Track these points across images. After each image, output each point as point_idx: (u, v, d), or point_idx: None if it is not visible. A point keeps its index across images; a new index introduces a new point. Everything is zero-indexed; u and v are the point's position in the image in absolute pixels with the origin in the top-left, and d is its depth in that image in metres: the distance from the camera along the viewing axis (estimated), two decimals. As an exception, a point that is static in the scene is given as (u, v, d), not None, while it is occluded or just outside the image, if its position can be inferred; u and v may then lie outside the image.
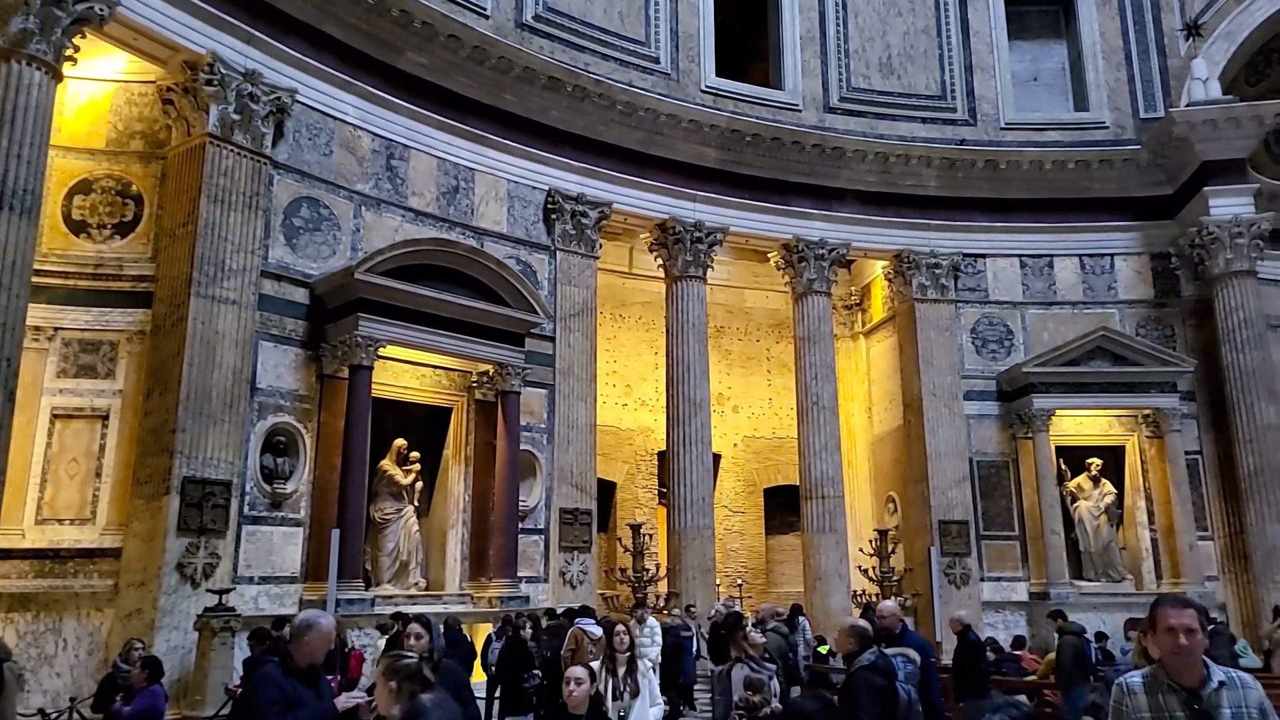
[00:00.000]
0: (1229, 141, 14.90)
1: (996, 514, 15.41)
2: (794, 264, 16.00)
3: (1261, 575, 13.71)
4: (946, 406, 15.67)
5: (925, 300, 16.14)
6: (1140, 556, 15.24)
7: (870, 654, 4.18)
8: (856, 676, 4.07)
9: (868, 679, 4.04)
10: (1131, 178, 16.24)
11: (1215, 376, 15.03)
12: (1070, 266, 16.42)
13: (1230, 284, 14.68)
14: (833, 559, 14.65)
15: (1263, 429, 13.96)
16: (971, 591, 14.94)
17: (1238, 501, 14.39)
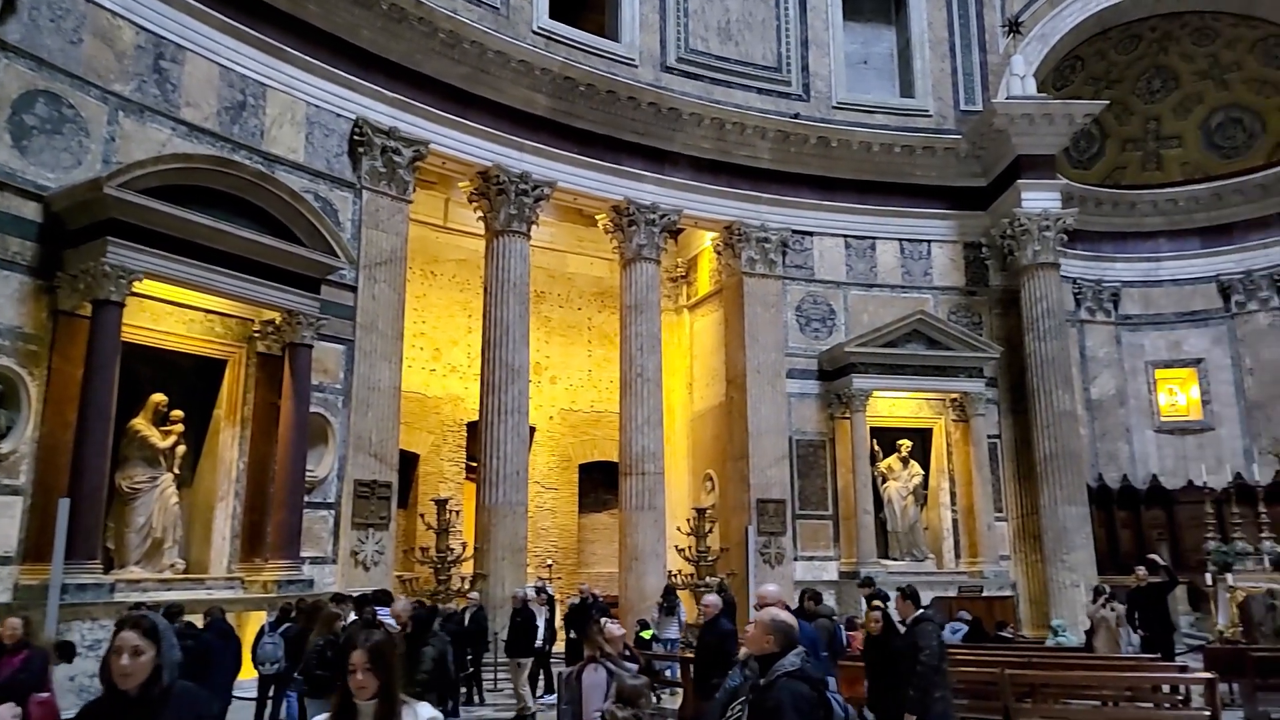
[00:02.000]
0: (1042, 137, 15.44)
1: (812, 493, 15.31)
2: (623, 227, 15.14)
3: (1051, 555, 14.32)
4: (770, 384, 15.38)
5: (754, 275, 15.77)
6: (942, 536, 15.63)
7: (796, 657, 3.28)
8: (779, 689, 3.16)
9: (794, 692, 3.15)
10: (951, 167, 16.58)
11: (1017, 364, 15.60)
12: (891, 250, 16.58)
13: (1036, 275, 15.23)
14: (651, 538, 13.98)
15: (1059, 415, 14.57)
16: (785, 571, 14.74)
17: (1033, 484, 14.99)
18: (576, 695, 4.54)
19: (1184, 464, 17.40)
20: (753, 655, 3.39)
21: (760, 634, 3.35)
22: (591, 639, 4.72)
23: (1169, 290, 18.26)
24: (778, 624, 3.35)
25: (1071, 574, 14.09)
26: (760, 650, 3.34)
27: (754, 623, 3.45)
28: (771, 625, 3.34)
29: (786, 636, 3.32)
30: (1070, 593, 14.03)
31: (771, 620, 3.37)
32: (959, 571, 15.08)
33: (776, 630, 3.33)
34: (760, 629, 3.36)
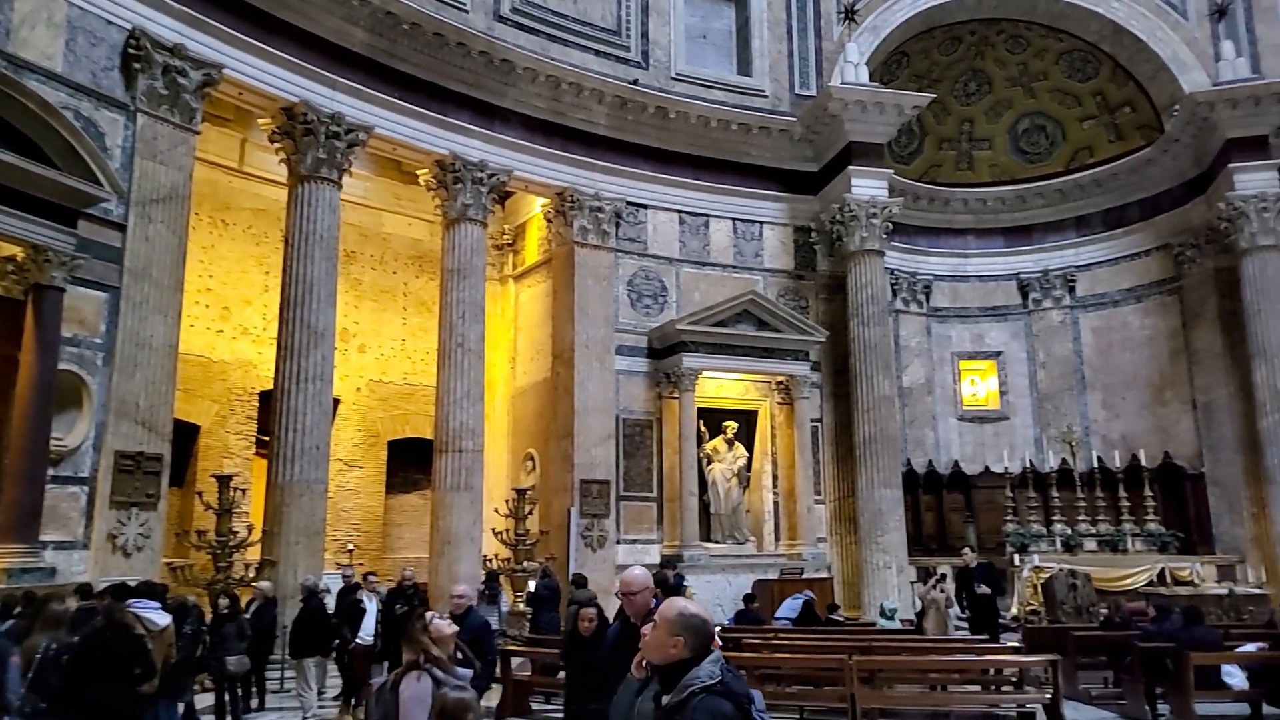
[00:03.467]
0: (873, 126, 15.60)
1: (638, 474, 14.79)
2: (447, 185, 13.94)
3: (866, 537, 14.51)
4: (598, 360, 14.69)
5: (586, 245, 15.01)
6: (763, 519, 15.56)
7: (714, 665, 2.46)
8: (695, 711, 2.36)
9: (714, 712, 2.37)
10: (785, 149, 16.50)
11: (841, 349, 15.74)
12: (725, 229, 16.31)
13: (862, 262, 15.39)
14: (466, 520, 12.94)
15: (879, 400, 14.79)
16: (607, 555, 14.15)
17: (851, 467, 15.16)
18: (392, 711, 3.57)
19: (982, 451, 18.31)
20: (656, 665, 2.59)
21: (664, 636, 2.54)
22: (413, 639, 3.73)
23: (975, 285, 19.14)
24: (688, 621, 2.53)
25: (885, 555, 14.34)
26: (665, 658, 2.55)
27: (655, 621, 2.64)
28: (680, 623, 2.53)
29: (700, 637, 2.53)
30: (883, 574, 14.27)
31: (679, 616, 2.55)
32: (779, 554, 15.04)
33: (687, 629, 2.53)
34: (664, 629, 2.55)
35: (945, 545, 17.02)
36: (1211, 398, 16.27)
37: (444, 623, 3.95)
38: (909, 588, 14.52)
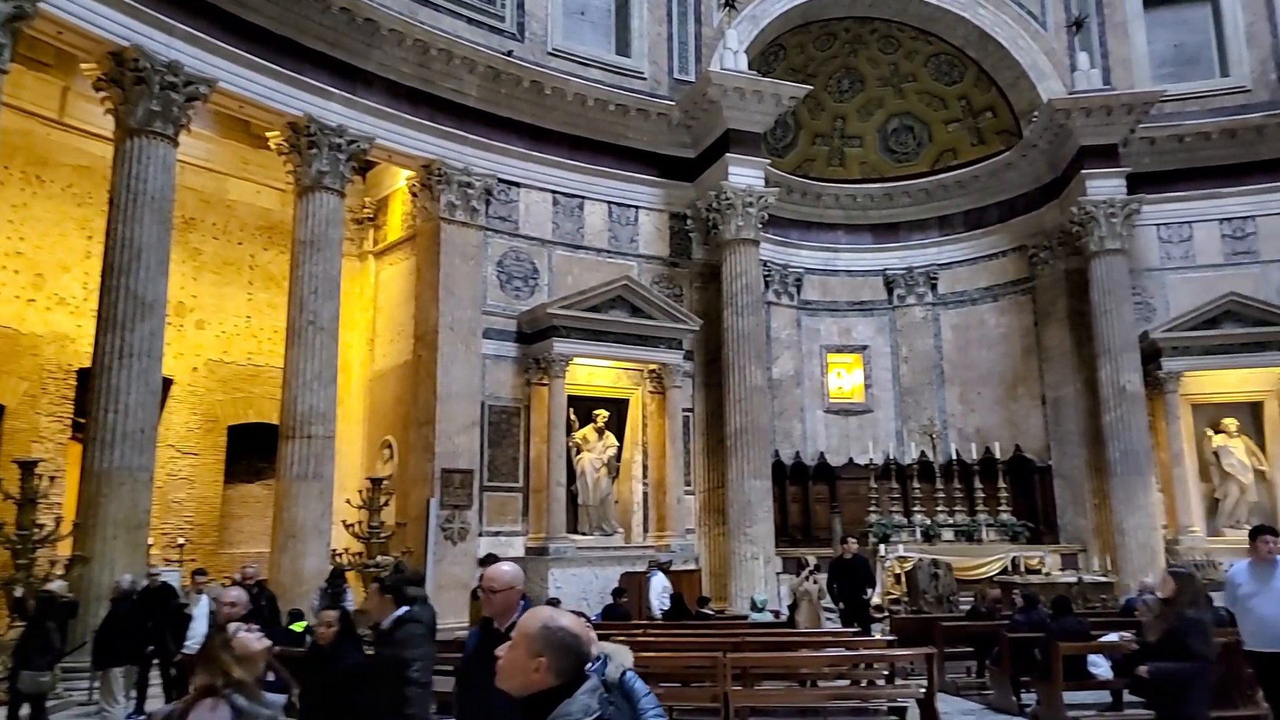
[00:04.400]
0: (751, 114, 15.45)
1: (503, 463, 14.13)
2: (301, 150, 12.87)
3: (735, 528, 14.37)
4: (464, 343, 13.93)
5: (453, 222, 14.20)
6: (632, 510, 15.20)
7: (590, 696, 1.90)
8: None
9: None
10: (662, 134, 16.16)
11: (714, 338, 15.54)
12: (600, 212, 15.83)
13: (738, 251, 15.23)
14: (314, 511, 11.96)
15: (751, 390, 14.67)
16: (468, 548, 13.44)
17: (722, 458, 15.00)
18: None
19: (847, 443, 18.58)
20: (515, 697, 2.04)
21: (523, 656, 1.99)
22: (211, 658, 3.02)
23: (844, 280, 19.40)
24: (554, 637, 2.00)
25: (753, 546, 14.24)
26: (525, 685, 1.99)
27: (514, 639, 2.08)
28: (543, 639, 1.99)
29: (570, 657, 2.00)
30: (751, 565, 14.17)
31: (543, 631, 2.01)
32: (647, 545, 14.71)
33: (552, 647, 1.99)
34: (522, 647, 1.99)
35: (810, 536, 17.16)
36: (1060, 394, 17.01)
37: (251, 636, 3.26)
38: (775, 579, 14.50)
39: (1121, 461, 14.92)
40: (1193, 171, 16.40)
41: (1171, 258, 16.52)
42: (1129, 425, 14.95)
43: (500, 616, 3.69)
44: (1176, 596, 5.14)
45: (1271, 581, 5.84)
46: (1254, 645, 5.97)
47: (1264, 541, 5.95)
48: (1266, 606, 5.83)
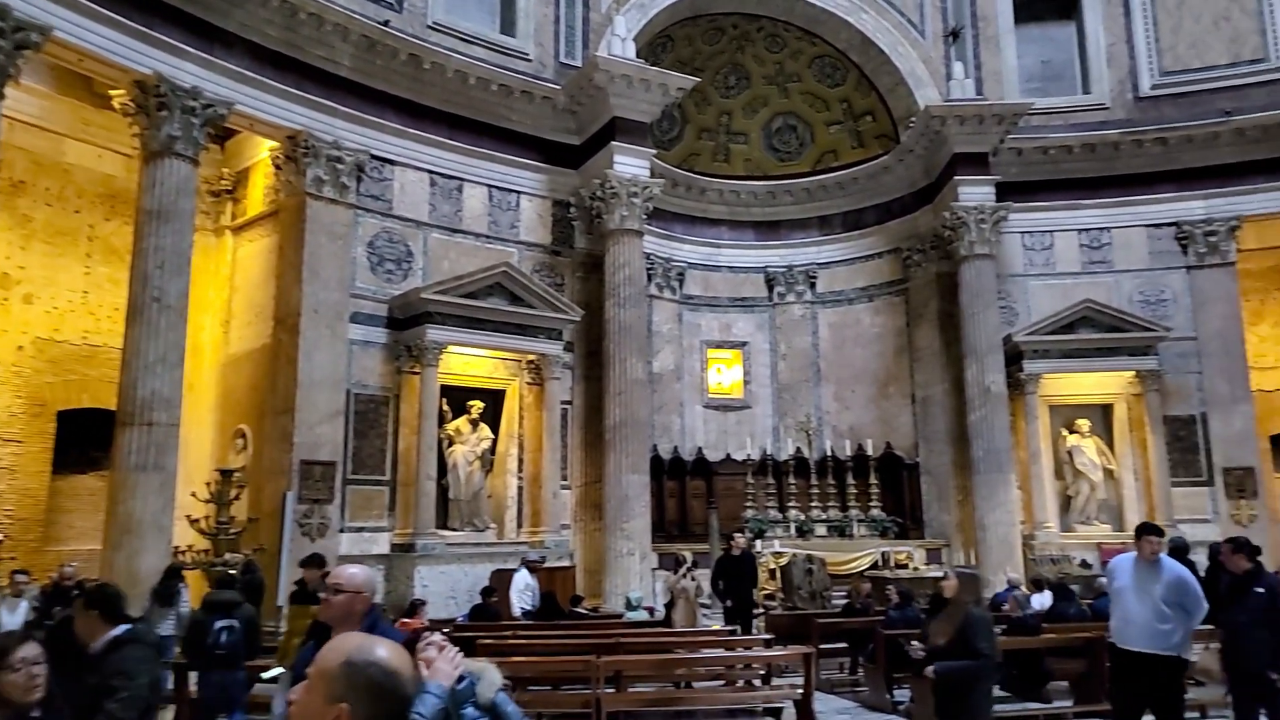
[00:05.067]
0: (639, 103, 15.17)
1: (369, 455, 13.37)
2: (150, 111, 11.76)
3: (612, 523, 14.07)
4: (329, 327, 13.10)
5: (321, 198, 13.32)
6: (505, 505, 14.68)
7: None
8: None
9: None
10: (546, 119, 15.68)
11: (595, 329, 15.20)
12: (480, 196, 15.21)
13: (621, 241, 14.93)
14: (154, 505, 10.93)
15: (631, 383, 14.40)
16: (329, 544, 12.59)
17: (600, 452, 14.68)
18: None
19: (725, 438, 18.60)
20: None
21: (319, 704, 1.50)
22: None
23: (726, 276, 19.41)
24: (362, 676, 1.52)
25: (629, 542, 13.97)
26: None
27: (310, 677, 1.58)
28: (345, 681, 1.52)
29: (386, 702, 1.53)
30: (627, 561, 13.90)
31: (344, 669, 1.54)
32: (520, 541, 14.23)
33: (358, 690, 1.51)
34: (318, 688, 1.52)
35: (687, 532, 17.09)
36: (929, 393, 17.51)
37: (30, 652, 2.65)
38: (651, 575, 14.29)
39: (984, 459, 15.43)
40: (1055, 183, 17.15)
41: (1034, 264, 17.24)
42: (992, 424, 15.47)
43: (340, 624, 3.22)
44: (959, 596, 5.08)
45: (1149, 584, 5.83)
46: (1118, 641, 5.98)
47: (1148, 541, 5.96)
48: (1137, 606, 5.83)
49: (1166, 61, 17.05)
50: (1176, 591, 5.75)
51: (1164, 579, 5.82)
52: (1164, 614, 5.73)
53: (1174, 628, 5.74)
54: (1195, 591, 5.80)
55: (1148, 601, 5.76)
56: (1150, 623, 5.73)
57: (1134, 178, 16.86)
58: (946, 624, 4.98)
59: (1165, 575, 5.83)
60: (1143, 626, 5.74)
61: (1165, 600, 5.73)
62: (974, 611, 4.93)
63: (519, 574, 11.90)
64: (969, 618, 4.88)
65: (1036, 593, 10.28)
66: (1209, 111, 16.41)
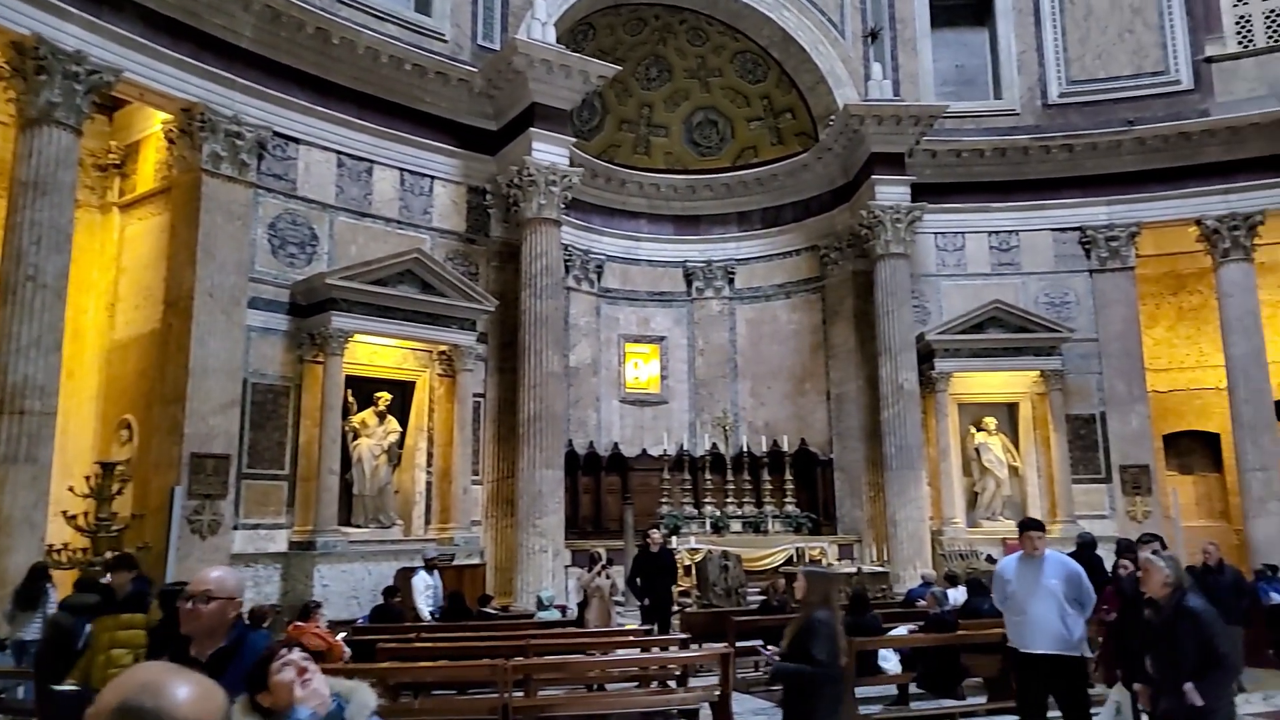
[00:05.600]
0: (558, 90, 14.79)
1: (267, 448, 12.67)
2: (27, 74, 10.88)
3: (524, 520, 13.69)
4: (225, 312, 12.35)
5: (218, 175, 12.56)
6: (413, 500, 14.16)
7: None
8: None
9: None
10: (463, 102, 15.17)
11: (510, 320, 14.79)
12: (391, 179, 14.61)
13: (539, 230, 14.55)
14: (25, 500, 10.09)
15: (547, 376, 14.03)
16: (220, 543, 11.93)
17: (513, 446, 14.29)
18: None
19: (641, 433, 18.41)
20: None
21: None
22: None
23: (645, 269, 19.21)
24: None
25: (542, 539, 13.61)
26: None
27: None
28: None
29: None
30: (539, 558, 13.54)
31: (117, 712, 1.19)
32: (428, 538, 13.72)
33: None
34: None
35: (601, 528, 16.83)
36: (844, 390, 17.65)
37: None
38: (565, 572, 13.98)
39: (897, 456, 15.61)
40: (967, 186, 17.48)
41: (946, 265, 17.54)
42: (905, 421, 15.66)
43: (206, 637, 2.83)
44: (807, 598, 4.70)
45: (1040, 579, 5.67)
46: (1019, 645, 5.75)
47: (1029, 537, 5.80)
48: (1037, 605, 5.64)
49: (1074, 71, 17.55)
50: (1075, 587, 5.64)
51: (1064, 575, 5.68)
52: (1066, 612, 5.60)
53: (1075, 625, 5.62)
54: (1089, 586, 5.73)
55: (1050, 601, 5.60)
56: (1053, 623, 5.59)
57: (1042, 183, 17.31)
58: (792, 627, 4.65)
59: (1063, 571, 5.70)
60: (1045, 628, 5.59)
61: (1068, 597, 5.61)
62: (817, 616, 4.49)
63: (420, 574, 11.44)
64: (808, 623, 4.52)
65: (950, 588, 10.36)
66: (1113, 120, 16.97)
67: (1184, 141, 16.62)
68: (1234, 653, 4.36)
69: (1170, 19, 17.12)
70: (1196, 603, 4.38)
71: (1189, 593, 4.42)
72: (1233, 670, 4.37)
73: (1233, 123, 16.23)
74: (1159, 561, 4.57)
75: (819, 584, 4.77)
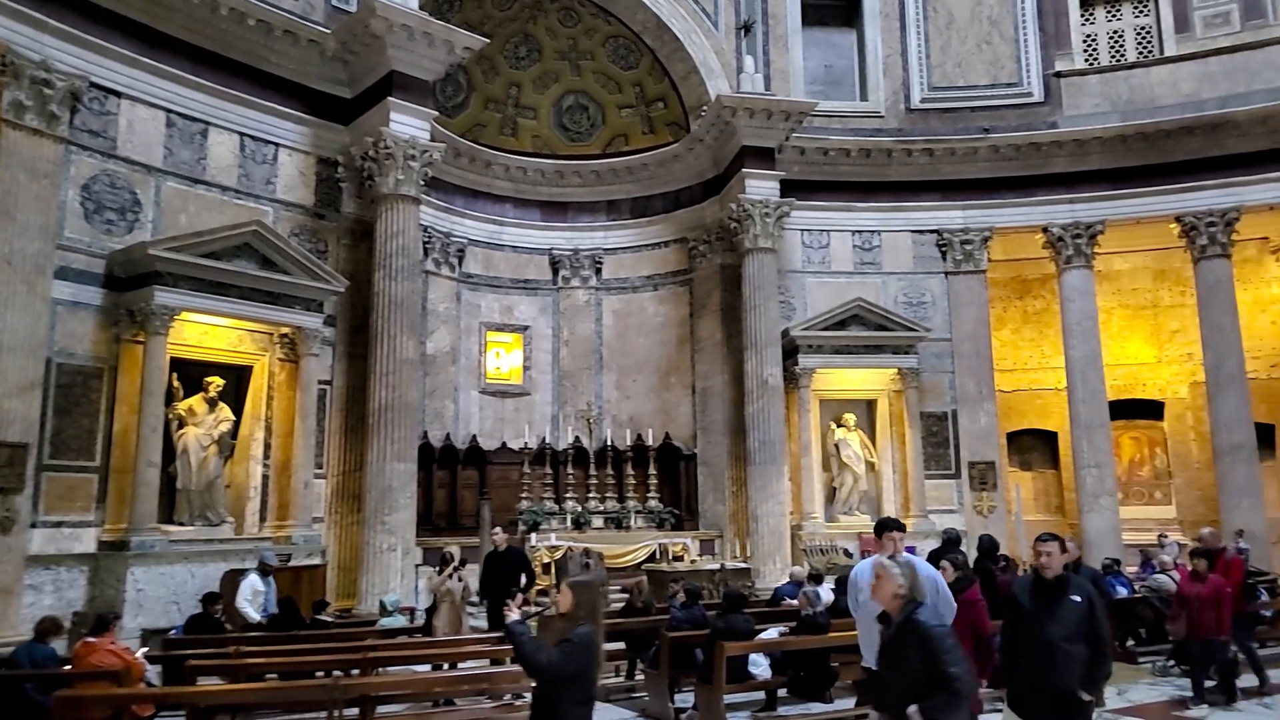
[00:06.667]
0: (420, 59, 13.86)
1: (75, 437, 11.24)
2: None
3: (372, 516, 12.76)
4: (26, 282, 10.85)
5: (21, 127, 11.01)
6: (246, 496, 12.95)
7: None
8: None
9: None
10: (313, 65, 14.02)
11: (362, 303, 13.79)
12: (229, 144, 13.32)
13: (396, 207, 13.58)
14: None
15: (401, 363, 13.12)
16: (14, 542, 10.47)
17: (362, 437, 13.32)
18: None
19: (502, 426, 17.70)
20: None
21: None
22: None
23: (509, 256, 18.50)
24: None
25: (390, 537, 12.72)
26: None
27: None
28: None
29: None
30: (387, 557, 12.64)
31: None
32: (263, 537, 12.59)
33: None
34: None
35: (456, 524, 16.09)
36: (709, 384, 17.50)
37: None
38: (415, 572, 13.15)
39: (760, 450, 15.55)
40: (833, 185, 17.67)
41: (812, 262, 17.67)
42: (769, 416, 15.62)
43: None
44: (574, 611, 4.12)
45: None
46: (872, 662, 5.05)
47: (891, 539, 5.36)
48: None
49: (935, 77, 18.02)
50: (932, 596, 4.96)
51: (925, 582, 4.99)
52: None
53: None
54: (948, 593, 5.26)
55: None
56: None
57: (903, 185, 17.70)
58: (552, 638, 4.10)
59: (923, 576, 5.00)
60: None
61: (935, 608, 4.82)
62: (579, 631, 3.99)
63: (250, 577, 10.41)
64: (571, 638, 3.99)
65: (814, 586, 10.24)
66: (970, 128, 17.52)
67: (1034, 151, 17.34)
68: (965, 675, 3.85)
69: (1025, 33, 17.82)
70: (925, 616, 3.97)
71: (921, 605, 3.98)
72: (963, 695, 3.84)
73: (1078, 135, 17.04)
74: (893, 569, 4.02)
75: (586, 596, 4.17)
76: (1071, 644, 4.63)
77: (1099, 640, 4.65)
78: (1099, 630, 4.67)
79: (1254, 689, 8.69)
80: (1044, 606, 4.77)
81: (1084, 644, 4.65)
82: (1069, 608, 4.73)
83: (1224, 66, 16.74)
